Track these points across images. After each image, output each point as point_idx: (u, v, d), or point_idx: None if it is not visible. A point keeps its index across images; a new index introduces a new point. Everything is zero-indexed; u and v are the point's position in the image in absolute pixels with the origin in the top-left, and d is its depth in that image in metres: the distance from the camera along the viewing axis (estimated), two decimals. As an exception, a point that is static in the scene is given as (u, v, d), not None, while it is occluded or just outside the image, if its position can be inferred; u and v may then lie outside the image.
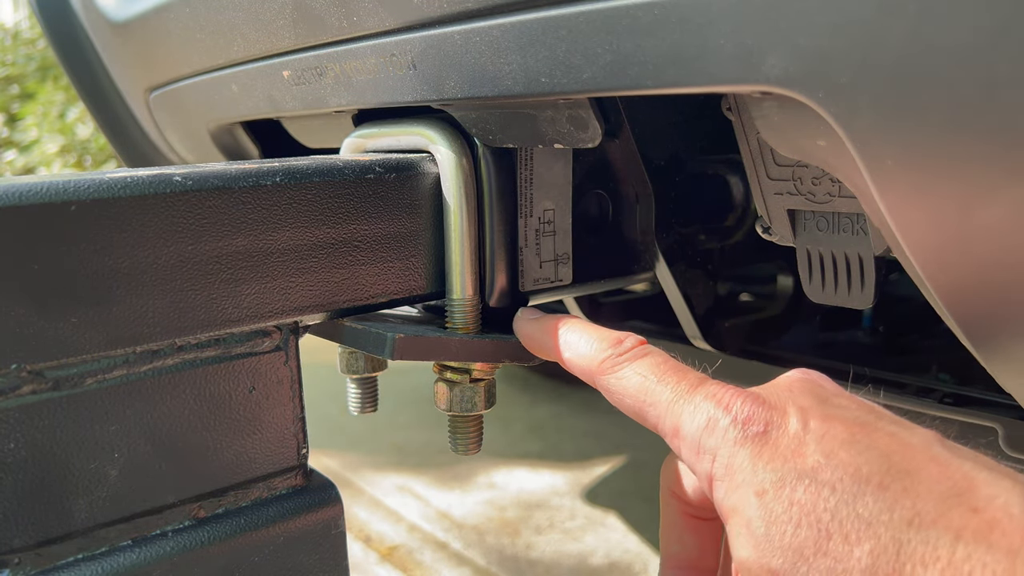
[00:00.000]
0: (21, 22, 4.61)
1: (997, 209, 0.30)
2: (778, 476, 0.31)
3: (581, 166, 0.55)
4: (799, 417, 0.33)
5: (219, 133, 0.86)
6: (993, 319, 0.35)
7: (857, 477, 0.30)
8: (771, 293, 0.73)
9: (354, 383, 0.57)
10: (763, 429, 0.33)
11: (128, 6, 0.84)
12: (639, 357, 0.39)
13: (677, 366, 0.38)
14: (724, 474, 0.33)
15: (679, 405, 0.36)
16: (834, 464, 0.30)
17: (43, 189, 0.34)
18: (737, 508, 0.32)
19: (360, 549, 1.24)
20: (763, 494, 0.31)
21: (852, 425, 0.32)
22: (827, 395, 0.35)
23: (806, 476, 0.31)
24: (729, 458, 0.33)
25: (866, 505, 0.29)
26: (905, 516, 0.28)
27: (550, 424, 1.71)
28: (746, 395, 0.34)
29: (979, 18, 0.26)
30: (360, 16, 0.50)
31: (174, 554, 0.39)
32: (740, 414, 0.33)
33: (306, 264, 0.43)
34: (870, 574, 0.28)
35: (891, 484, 0.29)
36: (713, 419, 0.34)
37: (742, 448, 0.32)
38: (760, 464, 0.32)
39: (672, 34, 0.34)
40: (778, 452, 0.32)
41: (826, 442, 0.31)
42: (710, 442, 0.34)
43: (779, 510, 0.30)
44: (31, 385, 0.35)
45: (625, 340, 0.40)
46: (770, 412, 0.33)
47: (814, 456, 0.31)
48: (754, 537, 0.31)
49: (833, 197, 0.46)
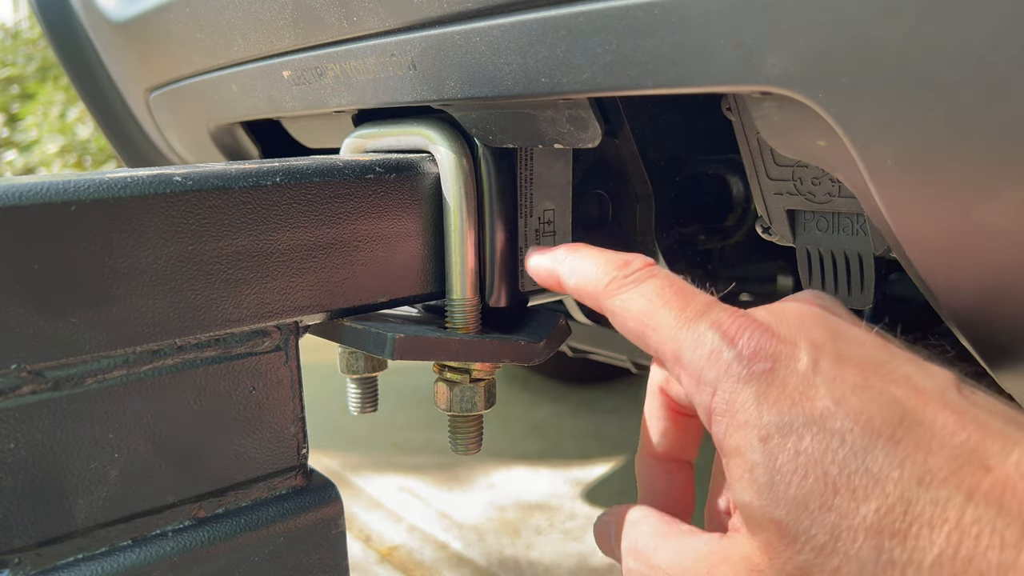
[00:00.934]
0: (21, 22, 4.61)
1: (997, 209, 0.30)
2: (785, 421, 0.29)
3: (581, 166, 0.55)
4: (810, 354, 0.31)
5: (219, 133, 0.86)
6: (993, 319, 0.35)
7: (868, 428, 0.28)
8: (771, 293, 0.73)
9: (354, 383, 0.57)
10: (770, 366, 0.31)
11: (128, 6, 0.84)
12: (644, 279, 0.37)
13: (683, 289, 0.36)
14: (725, 410, 0.31)
15: (682, 331, 0.33)
16: (844, 411, 0.29)
17: (43, 189, 0.34)
18: (740, 450, 0.31)
19: (360, 549, 1.24)
20: (767, 439, 0.30)
21: (866, 367, 0.30)
22: (841, 328, 0.33)
23: (814, 423, 0.29)
24: (731, 394, 0.31)
25: (876, 459, 0.28)
26: (916, 472, 0.27)
27: (550, 424, 1.71)
28: (754, 325, 0.32)
29: (979, 18, 0.26)
30: (360, 16, 0.50)
31: (174, 554, 0.39)
32: (746, 348, 0.31)
33: (306, 264, 0.43)
34: (875, 532, 0.27)
35: (903, 437, 0.28)
36: (716, 350, 0.32)
37: (746, 386, 0.31)
38: (766, 405, 0.30)
39: (672, 34, 0.34)
40: (785, 393, 0.30)
41: (837, 386, 0.30)
42: (711, 374, 0.32)
43: (784, 459, 0.29)
44: (31, 385, 0.35)
45: (632, 262, 0.38)
46: (779, 346, 0.31)
47: (824, 401, 0.29)
48: (757, 484, 0.30)
49: (833, 197, 0.46)
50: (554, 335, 0.50)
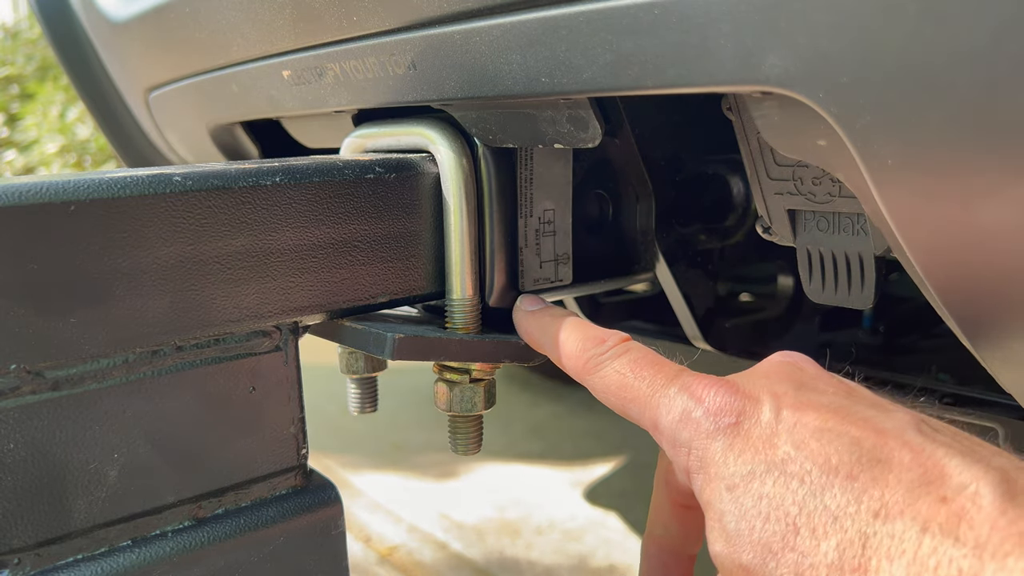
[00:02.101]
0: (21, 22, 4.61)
1: (997, 209, 0.30)
2: (748, 469, 0.31)
3: (581, 166, 0.55)
4: (772, 405, 0.32)
5: (219, 133, 0.86)
6: (993, 319, 0.35)
7: (826, 468, 0.29)
8: (771, 293, 0.73)
9: (354, 383, 0.57)
10: (735, 420, 0.32)
11: (128, 6, 0.84)
12: (619, 355, 0.39)
13: (654, 360, 0.38)
14: (699, 467, 0.33)
15: (656, 399, 0.36)
16: (804, 455, 0.30)
17: (43, 189, 0.34)
18: (711, 502, 0.32)
19: (360, 549, 1.24)
20: (734, 488, 0.31)
21: (825, 412, 0.31)
22: (805, 379, 0.34)
23: (775, 468, 0.30)
24: (703, 451, 0.33)
25: (834, 497, 0.29)
26: (872, 507, 0.28)
27: (550, 424, 1.71)
28: (719, 384, 0.34)
29: (979, 18, 0.26)
30: (360, 16, 0.50)
31: (174, 554, 0.39)
32: (712, 405, 0.33)
33: (306, 264, 0.43)
34: (836, 569, 0.28)
35: (860, 474, 0.29)
36: (686, 411, 0.34)
37: (714, 440, 0.32)
38: (731, 456, 0.31)
39: (672, 34, 0.34)
40: (749, 444, 0.31)
41: (797, 431, 0.31)
42: (684, 435, 0.33)
43: (748, 504, 0.30)
44: (31, 385, 0.35)
45: (608, 339, 0.40)
46: (743, 401, 0.33)
47: (784, 447, 0.31)
48: (725, 532, 0.31)
49: (833, 197, 0.46)
50: (554, 335, 0.50)
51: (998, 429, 0.54)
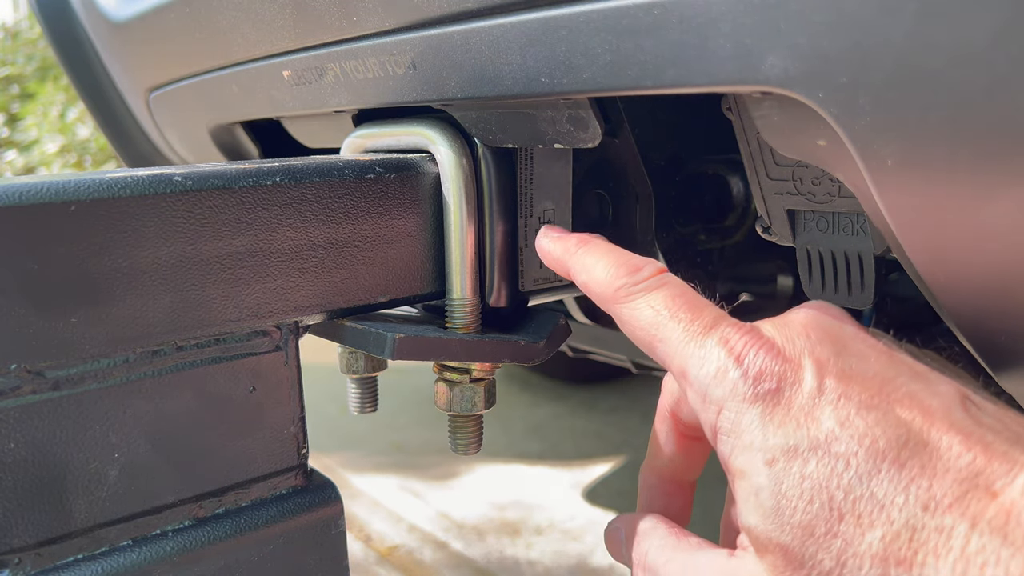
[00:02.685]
0: (21, 22, 4.61)
1: (997, 209, 0.30)
2: (790, 444, 0.29)
3: (581, 166, 0.55)
4: (815, 373, 0.31)
5: (219, 133, 0.86)
6: (993, 319, 0.35)
7: (873, 451, 0.28)
8: (771, 293, 0.73)
9: (354, 383, 0.57)
10: (775, 386, 0.31)
11: (128, 6, 0.84)
12: (654, 288, 0.36)
13: (693, 301, 0.35)
14: (731, 429, 0.31)
15: (689, 346, 0.33)
16: (849, 434, 0.29)
17: (43, 189, 0.34)
18: (745, 472, 0.31)
19: (360, 549, 1.24)
20: (773, 463, 0.30)
21: (871, 386, 0.30)
22: (846, 341, 0.33)
23: (819, 446, 0.29)
24: (737, 414, 0.31)
25: (881, 484, 0.28)
26: (921, 499, 0.27)
27: (550, 424, 1.71)
28: (760, 343, 0.32)
29: (979, 17, 0.26)
30: (360, 16, 0.50)
31: (174, 554, 0.39)
32: (752, 367, 0.31)
33: (306, 264, 0.43)
34: (881, 560, 0.27)
35: (908, 460, 0.28)
36: (722, 369, 0.32)
37: (752, 406, 0.31)
38: (771, 427, 0.30)
39: (672, 34, 0.34)
40: (790, 414, 0.30)
41: (842, 406, 0.29)
42: (717, 393, 0.32)
43: (790, 483, 0.29)
44: (31, 385, 0.35)
45: (643, 268, 0.38)
46: (784, 366, 0.31)
47: (829, 422, 0.29)
48: (762, 508, 0.30)
49: (833, 197, 0.46)
50: (554, 335, 0.50)
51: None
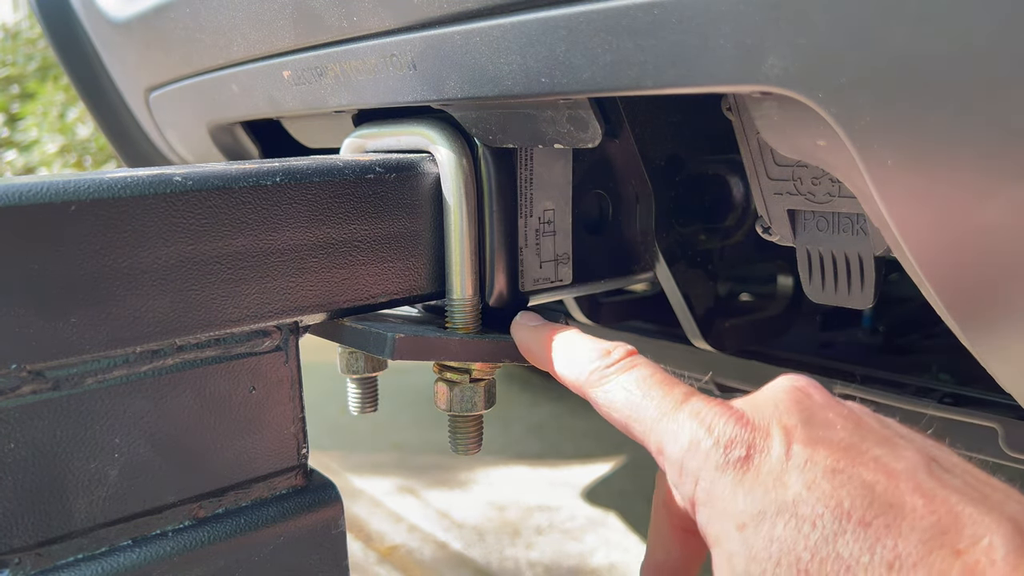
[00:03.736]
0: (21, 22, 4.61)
1: (997, 209, 0.30)
2: (759, 508, 0.30)
3: (581, 166, 0.55)
4: (783, 439, 0.32)
5: (219, 133, 0.86)
6: (993, 319, 0.35)
7: (838, 512, 0.29)
8: (771, 293, 0.73)
9: (354, 383, 0.57)
10: (745, 454, 0.32)
11: (128, 6, 0.84)
12: (626, 370, 0.38)
13: (663, 379, 0.37)
14: (706, 499, 0.32)
15: (663, 423, 0.35)
16: (815, 496, 0.30)
17: (43, 189, 0.34)
18: (719, 539, 0.32)
19: (360, 549, 1.24)
20: (743, 528, 0.31)
21: (836, 450, 0.31)
22: (814, 410, 0.34)
23: (787, 510, 0.30)
24: (711, 483, 0.32)
25: (847, 544, 0.28)
26: (886, 558, 0.27)
27: (550, 424, 1.71)
28: (729, 414, 0.33)
29: (979, 18, 0.26)
30: (360, 16, 0.50)
31: (174, 554, 0.39)
32: (722, 436, 0.33)
33: (306, 264, 0.43)
34: None
35: (873, 520, 0.28)
36: (695, 440, 0.33)
37: (723, 474, 0.32)
38: (741, 493, 0.31)
39: (672, 34, 0.34)
40: (759, 480, 0.31)
41: (808, 470, 0.30)
42: (692, 464, 0.33)
43: (759, 546, 0.30)
44: (31, 385, 0.35)
45: (613, 351, 0.39)
46: (753, 434, 0.32)
47: (796, 487, 0.30)
48: (734, 573, 0.31)
49: (833, 197, 0.46)
50: (554, 335, 0.50)
51: (998, 429, 0.54)
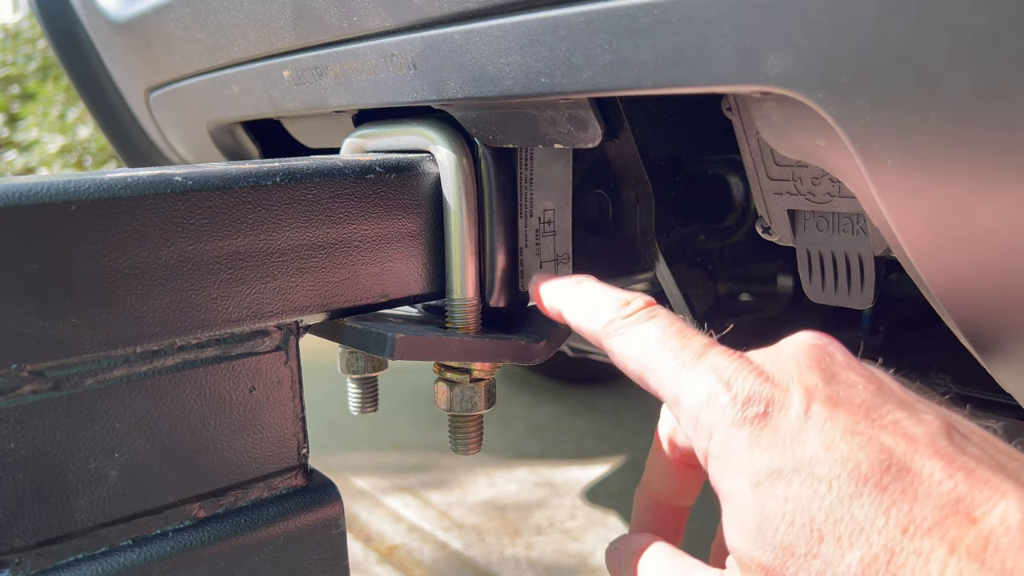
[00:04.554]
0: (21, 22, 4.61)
1: (997, 209, 0.30)
2: (774, 466, 0.30)
3: (581, 166, 0.55)
4: (802, 398, 0.31)
5: (219, 133, 0.86)
6: (993, 319, 0.35)
7: (855, 474, 0.29)
8: (771, 293, 0.73)
9: (354, 383, 0.57)
10: (763, 410, 0.31)
11: (128, 6, 0.84)
12: (644, 320, 0.37)
13: (682, 330, 0.36)
14: (720, 453, 0.32)
15: (680, 374, 0.34)
16: (833, 457, 0.29)
17: (43, 189, 0.34)
18: (731, 494, 0.31)
19: (360, 549, 1.24)
20: (758, 485, 0.30)
21: (857, 412, 0.31)
22: (835, 369, 0.33)
23: (803, 469, 0.29)
24: (726, 438, 0.32)
25: (862, 507, 0.28)
26: (901, 522, 0.27)
27: (550, 424, 1.71)
28: (749, 368, 0.33)
29: (979, 18, 0.26)
30: (360, 16, 0.50)
31: (174, 554, 0.39)
32: (741, 392, 0.32)
33: (306, 264, 0.43)
34: None
35: (890, 484, 0.28)
36: (712, 394, 0.33)
37: (740, 429, 0.31)
38: (757, 450, 0.31)
39: (672, 34, 0.34)
40: (776, 438, 0.30)
41: (827, 431, 0.30)
42: (708, 418, 0.32)
43: (772, 505, 0.30)
44: (31, 385, 0.35)
45: (632, 301, 0.39)
46: (772, 391, 0.32)
47: (813, 446, 0.30)
48: (747, 529, 0.30)
49: (833, 197, 0.46)
50: (554, 335, 0.50)
51: (998, 429, 0.54)
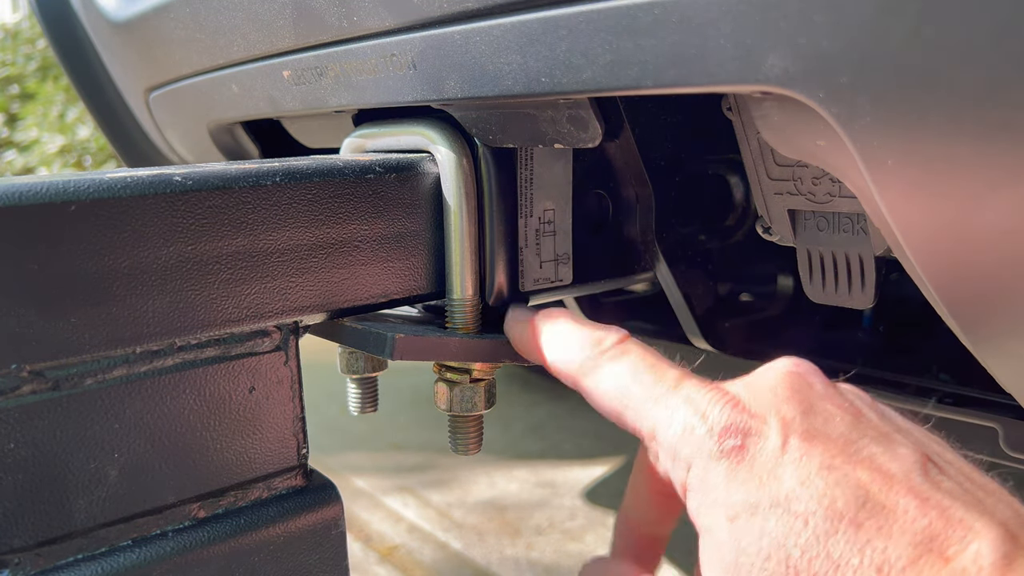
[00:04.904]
0: (21, 22, 4.61)
1: (997, 209, 0.30)
2: (751, 501, 0.30)
3: (581, 166, 0.55)
4: (779, 431, 0.31)
5: (219, 133, 0.86)
6: (993, 319, 0.35)
7: (831, 511, 0.29)
8: (771, 293, 0.73)
9: (354, 383, 0.57)
10: (740, 443, 0.31)
11: (128, 6, 0.84)
12: (616, 357, 0.37)
13: (655, 364, 0.36)
14: (698, 486, 0.32)
15: (655, 408, 0.34)
16: (809, 493, 0.29)
17: (43, 189, 0.34)
18: (709, 528, 0.31)
19: (360, 549, 1.24)
20: (735, 519, 0.30)
21: (833, 446, 0.31)
22: (813, 400, 0.33)
23: (779, 505, 0.30)
24: (704, 471, 0.32)
25: (837, 545, 0.28)
26: (875, 561, 0.27)
27: (550, 424, 1.71)
28: (724, 399, 0.33)
29: (979, 18, 0.26)
30: (360, 16, 0.50)
31: (174, 554, 0.39)
32: (717, 424, 0.32)
33: (306, 264, 0.43)
34: None
35: (865, 522, 0.28)
36: (689, 427, 0.32)
37: (717, 463, 0.31)
38: (734, 484, 0.31)
39: (672, 34, 0.34)
40: (753, 472, 0.31)
41: (803, 466, 0.30)
42: (686, 451, 0.32)
43: (749, 540, 0.30)
44: (31, 385, 0.35)
45: (605, 339, 0.38)
46: (749, 423, 0.32)
47: (790, 482, 0.30)
48: (723, 563, 0.30)
49: (833, 197, 0.46)
50: (554, 335, 0.50)
51: (998, 429, 0.54)
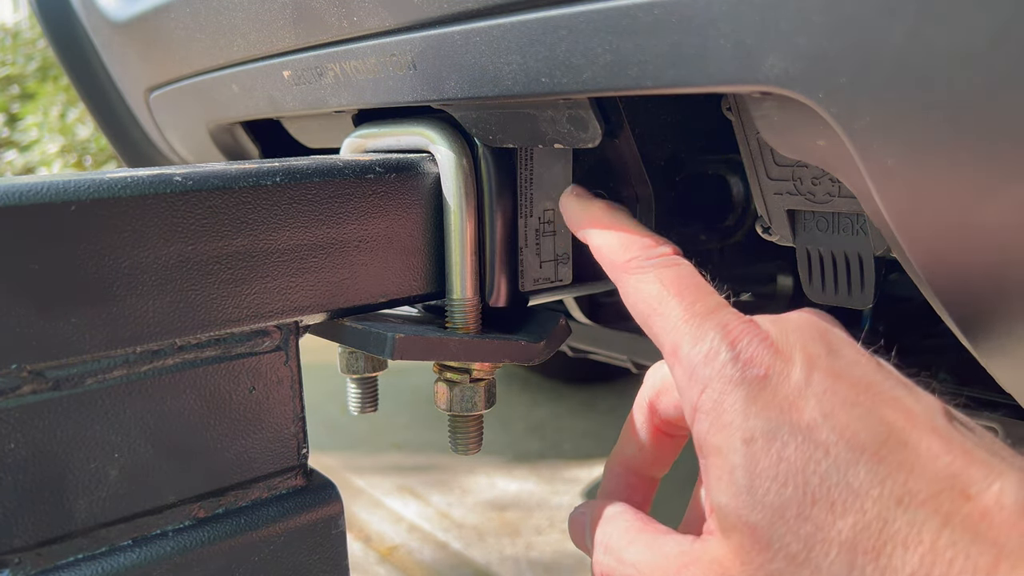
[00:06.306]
0: (21, 22, 4.61)
1: (997, 209, 0.30)
2: (771, 427, 0.29)
3: (581, 166, 0.55)
4: (804, 366, 0.31)
5: (219, 133, 0.86)
6: (992, 319, 0.35)
7: (853, 444, 0.28)
8: (771, 293, 0.73)
9: (354, 383, 0.57)
10: (763, 373, 0.31)
11: (128, 6, 0.84)
12: (664, 266, 0.37)
13: (699, 284, 0.36)
14: (711, 408, 0.31)
15: (686, 325, 0.34)
16: (831, 425, 0.29)
17: (43, 189, 0.34)
18: (721, 450, 0.31)
19: (360, 549, 1.24)
20: (751, 442, 0.30)
21: (857, 384, 0.30)
22: (838, 345, 0.33)
23: (800, 432, 0.29)
24: (720, 394, 0.31)
25: (857, 475, 0.28)
26: (895, 492, 0.27)
27: (550, 424, 1.71)
28: (755, 332, 0.32)
29: (979, 18, 0.26)
30: (360, 16, 0.50)
31: (174, 554, 0.39)
32: (744, 352, 0.31)
33: (306, 264, 0.43)
34: (849, 548, 0.27)
35: (887, 456, 0.28)
36: (714, 350, 0.32)
37: (737, 388, 0.31)
38: (754, 410, 0.30)
39: (672, 34, 0.34)
40: (775, 401, 0.30)
41: (827, 400, 0.30)
42: (705, 372, 0.32)
43: (766, 464, 0.29)
44: (31, 385, 0.35)
45: (659, 246, 0.38)
46: (775, 356, 0.31)
47: (812, 412, 0.29)
48: (735, 486, 0.30)
49: (833, 197, 0.46)
50: (554, 335, 0.50)
51: (998, 429, 0.54)
